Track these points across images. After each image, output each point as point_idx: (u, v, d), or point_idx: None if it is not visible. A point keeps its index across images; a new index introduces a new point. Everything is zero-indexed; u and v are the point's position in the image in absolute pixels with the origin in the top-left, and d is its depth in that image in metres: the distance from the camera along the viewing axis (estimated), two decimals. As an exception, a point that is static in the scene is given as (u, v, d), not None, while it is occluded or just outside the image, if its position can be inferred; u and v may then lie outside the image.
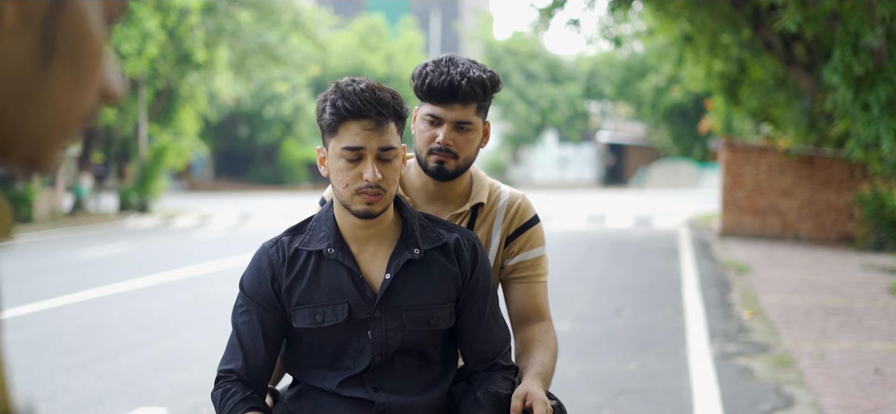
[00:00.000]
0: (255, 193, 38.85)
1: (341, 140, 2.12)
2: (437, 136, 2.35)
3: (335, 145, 2.14)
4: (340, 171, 2.13)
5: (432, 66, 2.37)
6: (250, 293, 2.24)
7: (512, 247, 2.49)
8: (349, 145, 2.11)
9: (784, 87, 16.35)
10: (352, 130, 2.11)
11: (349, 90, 2.12)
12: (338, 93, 2.13)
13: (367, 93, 2.11)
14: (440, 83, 2.33)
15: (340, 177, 2.14)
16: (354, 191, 2.13)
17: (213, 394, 2.23)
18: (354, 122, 2.11)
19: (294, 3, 28.62)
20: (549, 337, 2.40)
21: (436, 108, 2.34)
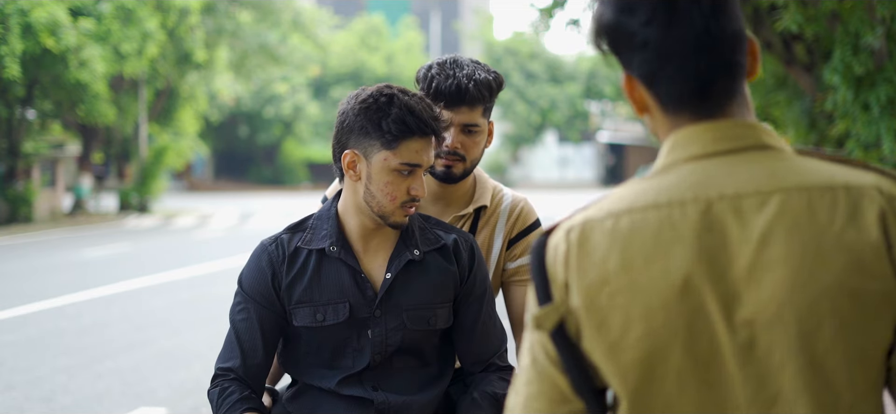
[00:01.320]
0: (255, 193, 38.86)
1: (400, 155, 2.10)
2: (444, 139, 2.35)
3: (390, 159, 2.10)
4: (389, 184, 2.12)
5: (437, 68, 2.36)
6: (249, 291, 2.24)
7: (514, 250, 2.49)
8: (409, 162, 2.11)
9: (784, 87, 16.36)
10: (412, 147, 2.10)
11: (417, 108, 2.10)
12: (404, 108, 2.09)
13: (431, 110, 2.13)
14: (447, 87, 2.32)
15: (389, 190, 2.12)
16: (400, 204, 2.14)
17: (209, 392, 2.22)
18: (418, 139, 2.10)
19: (294, 3, 28.64)
20: None
21: (443, 112, 2.34)
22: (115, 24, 20.23)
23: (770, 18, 12.74)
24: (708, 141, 1.22)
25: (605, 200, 1.26)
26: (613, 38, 1.25)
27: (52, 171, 25.33)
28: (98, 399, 6.06)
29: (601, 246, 1.22)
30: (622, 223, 1.21)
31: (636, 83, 1.26)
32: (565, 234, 1.24)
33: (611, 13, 1.24)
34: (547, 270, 1.25)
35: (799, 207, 1.17)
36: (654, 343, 1.18)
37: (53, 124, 24.20)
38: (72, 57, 19.35)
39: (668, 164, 1.24)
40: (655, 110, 1.27)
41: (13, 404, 5.94)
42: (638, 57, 1.23)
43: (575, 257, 1.23)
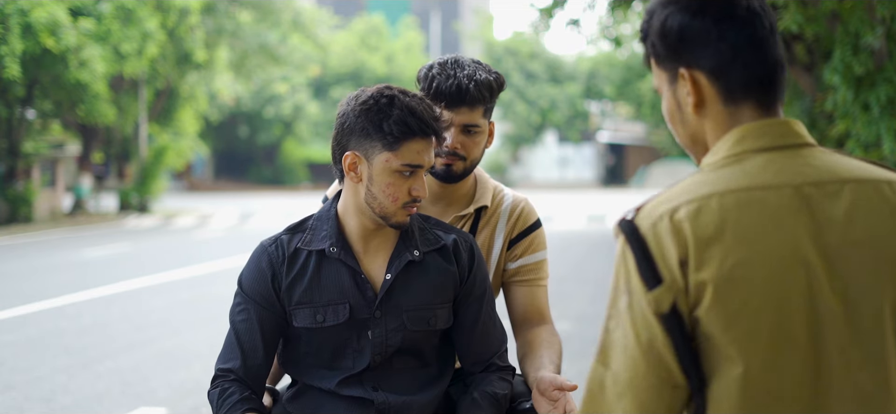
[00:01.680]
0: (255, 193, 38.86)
1: (402, 156, 2.10)
2: (445, 139, 2.34)
3: (392, 160, 2.11)
4: (391, 185, 2.12)
5: (438, 68, 2.35)
6: (249, 292, 2.23)
7: (515, 250, 2.49)
8: (411, 163, 2.11)
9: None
10: (414, 148, 2.11)
11: (419, 108, 2.11)
12: (405, 109, 2.09)
13: (431, 111, 2.13)
14: (448, 87, 2.32)
15: (391, 191, 2.13)
16: (401, 205, 2.14)
17: (210, 393, 2.22)
18: (419, 140, 2.11)
19: (294, 3, 28.63)
20: (555, 340, 2.41)
21: (444, 112, 2.33)
22: (115, 24, 20.23)
23: (770, 18, 12.74)
24: (777, 135, 1.40)
25: (679, 188, 1.39)
26: (682, 36, 1.42)
27: (52, 171, 25.33)
28: (98, 399, 6.06)
29: (714, 222, 1.33)
30: (728, 202, 1.34)
31: (700, 77, 1.43)
32: (669, 215, 1.35)
33: (680, 15, 1.43)
34: (652, 253, 1.34)
35: (870, 194, 1.39)
36: (775, 309, 1.32)
37: (53, 124, 24.19)
38: (72, 57, 19.35)
39: (738, 152, 1.40)
40: (715, 104, 1.43)
41: (13, 404, 5.94)
42: (710, 50, 1.41)
43: (691, 234, 1.33)
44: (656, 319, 1.32)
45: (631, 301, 1.34)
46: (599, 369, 1.37)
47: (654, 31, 1.46)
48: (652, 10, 1.47)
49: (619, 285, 1.36)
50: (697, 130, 1.46)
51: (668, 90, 1.47)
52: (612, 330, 1.37)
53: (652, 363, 1.33)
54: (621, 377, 1.34)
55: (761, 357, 1.32)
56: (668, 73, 1.46)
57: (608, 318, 1.38)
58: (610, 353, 1.37)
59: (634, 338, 1.33)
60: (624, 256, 1.36)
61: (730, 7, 1.41)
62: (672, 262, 1.33)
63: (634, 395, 1.34)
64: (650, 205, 1.38)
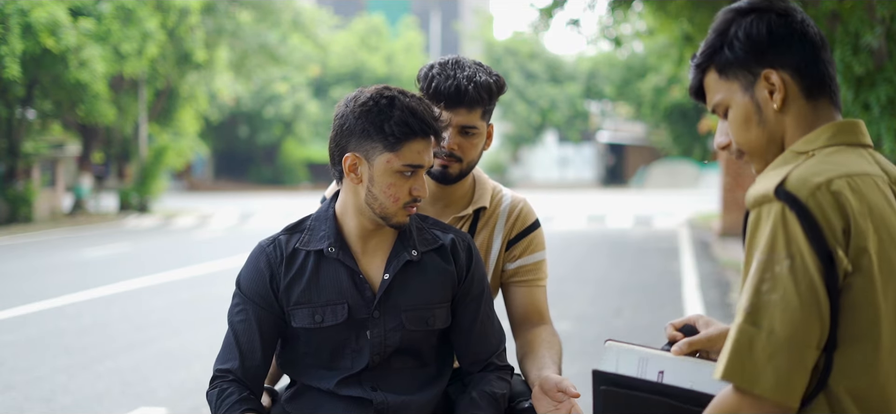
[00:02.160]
0: (255, 193, 38.86)
1: (403, 157, 2.11)
2: (444, 139, 2.34)
3: (393, 161, 2.11)
4: (392, 186, 2.13)
5: (438, 68, 2.35)
6: (248, 292, 2.24)
7: (513, 251, 2.49)
8: (411, 163, 2.12)
9: (784, 87, 16.35)
10: (414, 149, 2.11)
11: (419, 109, 2.11)
12: (406, 110, 2.10)
13: (431, 110, 2.14)
14: (447, 87, 2.31)
15: (392, 191, 2.13)
16: (402, 206, 2.15)
17: (208, 393, 2.22)
18: (420, 140, 2.12)
19: (294, 3, 28.63)
20: (555, 340, 2.41)
21: (443, 113, 2.33)
22: (115, 24, 20.22)
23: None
24: (859, 133, 1.59)
25: (815, 164, 1.50)
26: (774, 34, 1.58)
27: (52, 171, 25.32)
28: (98, 399, 6.06)
29: (864, 198, 1.48)
30: (864, 183, 1.50)
31: (786, 75, 1.58)
32: (826, 187, 1.46)
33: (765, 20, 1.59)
34: (818, 221, 1.44)
35: None
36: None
37: (53, 124, 24.19)
38: (72, 57, 19.34)
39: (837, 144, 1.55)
40: (798, 100, 1.59)
41: (13, 404, 5.94)
42: (794, 48, 1.58)
43: (851, 205, 1.46)
44: (822, 282, 1.42)
45: (794, 264, 1.42)
46: (749, 329, 1.44)
47: (736, 39, 1.60)
48: (727, 23, 1.62)
49: (778, 250, 1.44)
50: (776, 129, 1.59)
51: (743, 96, 1.61)
52: (766, 292, 1.44)
53: (812, 323, 1.42)
54: (778, 336, 1.42)
55: (891, 327, 1.47)
56: (744, 79, 1.60)
57: (761, 281, 1.44)
58: (763, 313, 1.44)
59: (797, 299, 1.42)
60: (783, 222, 1.44)
61: (801, 14, 1.61)
62: (837, 230, 1.44)
63: (790, 353, 1.42)
64: (796, 176, 1.47)
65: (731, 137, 1.67)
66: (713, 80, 1.64)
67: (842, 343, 1.45)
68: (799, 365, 1.42)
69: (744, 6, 1.63)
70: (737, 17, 1.62)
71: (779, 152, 1.60)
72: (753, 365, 1.43)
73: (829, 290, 1.43)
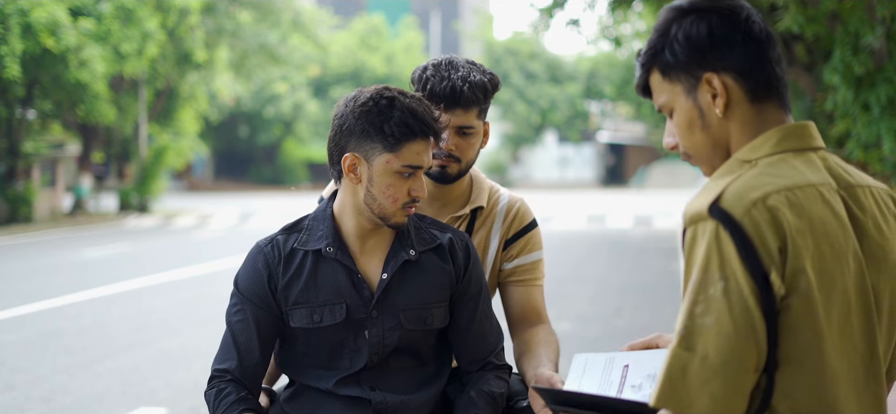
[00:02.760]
0: (255, 193, 38.86)
1: (402, 158, 2.11)
2: (443, 140, 2.34)
3: (392, 161, 2.11)
4: (391, 186, 2.13)
5: (433, 70, 2.35)
6: (245, 292, 2.23)
7: (510, 250, 2.49)
8: (411, 164, 2.12)
9: (784, 87, 16.34)
10: (414, 150, 2.11)
11: (420, 110, 2.11)
12: (406, 111, 2.10)
13: (430, 111, 2.14)
14: (441, 88, 2.31)
15: (391, 192, 2.13)
16: (401, 206, 2.15)
17: (206, 393, 2.22)
18: (420, 141, 2.11)
19: (294, 3, 28.62)
20: (552, 339, 2.41)
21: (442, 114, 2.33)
22: (115, 24, 20.22)
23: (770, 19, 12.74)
24: (808, 137, 1.51)
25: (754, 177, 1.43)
26: (714, 37, 1.50)
27: (52, 171, 25.32)
28: (98, 399, 6.06)
29: (803, 213, 1.41)
30: (806, 195, 1.43)
31: (728, 79, 1.50)
32: (762, 203, 1.39)
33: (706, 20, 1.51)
34: (753, 240, 1.37)
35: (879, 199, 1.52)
36: (844, 300, 1.42)
37: (53, 124, 24.19)
38: (72, 57, 19.34)
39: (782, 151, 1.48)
40: (742, 104, 1.51)
41: (13, 404, 5.94)
42: (737, 50, 1.49)
43: (787, 222, 1.39)
44: (756, 304, 1.36)
45: (727, 286, 1.36)
46: (683, 354, 1.38)
47: (676, 41, 1.52)
48: (668, 23, 1.54)
49: (711, 271, 1.37)
50: (721, 134, 1.52)
51: (686, 100, 1.53)
52: (700, 315, 1.37)
53: (747, 347, 1.36)
54: (712, 361, 1.36)
55: (834, 344, 1.41)
56: (686, 82, 1.52)
57: (694, 304, 1.38)
58: (697, 337, 1.37)
59: (731, 322, 1.35)
60: (717, 241, 1.38)
61: (747, 12, 1.52)
62: (773, 249, 1.37)
63: (725, 378, 1.35)
64: (732, 191, 1.41)
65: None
66: (657, 81, 1.56)
67: (782, 364, 1.39)
68: (735, 390, 1.36)
69: (685, 5, 1.53)
70: (677, 17, 1.53)
71: (725, 157, 1.52)
72: (687, 391, 1.37)
73: (765, 312, 1.37)
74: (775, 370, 1.39)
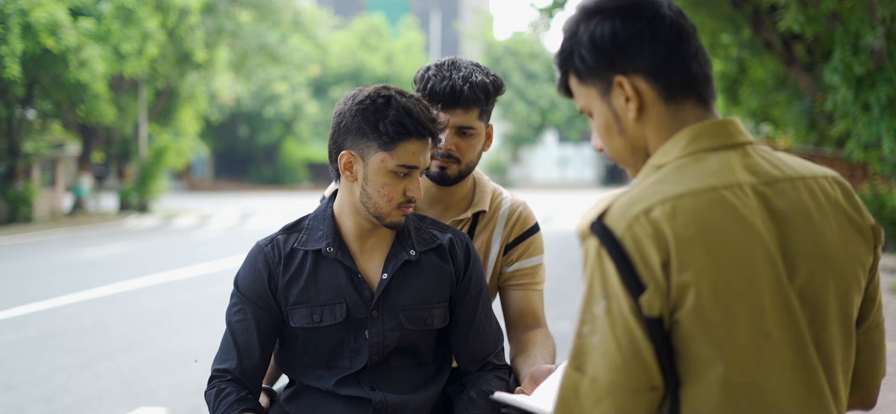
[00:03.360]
0: (255, 193, 38.86)
1: (397, 157, 2.10)
2: (440, 141, 2.33)
3: (387, 160, 2.11)
4: (386, 185, 2.12)
5: (434, 69, 2.34)
6: (246, 292, 2.23)
7: (511, 254, 2.48)
8: (406, 163, 2.11)
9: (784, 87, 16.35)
10: (409, 149, 2.11)
11: (415, 109, 2.10)
12: (402, 110, 2.09)
13: (428, 112, 2.13)
14: (442, 88, 2.30)
15: (385, 191, 2.13)
16: (396, 206, 2.14)
17: (206, 393, 2.22)
18: (415, 141, 2.11)
19: (294, 3, 28.63)
20: (548, 342, 2.41)
21: (440, 114, 2.32)
22: (115, 24, 20.22)
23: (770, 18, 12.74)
24: (727, 134, 1.42)
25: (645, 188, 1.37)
26: (618, 40, 1.42)
27: (52, 171, 25.32)
28: (98, 399, 6.06)
29: (692, 222, 1.33)
30: (701, 201, 1.35)
31: (638, 81, 1.42)
32: (644, 215, 1.33)
33: (610, 21, 1.43)
34: (632, 257, 1.31)
35: (814, 190, 1.44)
36: (752, 307, 1.34)
37: (53, 124, 24.19)
38: (72, 57, 19.34)
39: (694, 151, 1.40)
40: (656, 105, 1.43)
41: (13, 404, 5.94)
42: (646, 51, 1.41)
43: (671, 234, 1.32)
44: (638, 324, 1.31)
45: (609, 306, 1.32)
46: (574, 375, 1.35)
47: (582, 45, 1.45)
48: (574, 25, 1.46)
49: (595, 290, 1.34)
50: (637, 138, 1.45)
51: (601, 104, 1.46)
52: (587, 335, 1.34)
53: (633, 367, 1.31)
54: (601, 382, 1.32)
55: (741, 356, 1.33)
56: (599, 86, 1.45)
57: (582, 323, 1.35)
58: (586, 357, 1.34)
59: (615, 343, 1.31)
60: (599, 259, 1.33)
61: (656, 7, 1.43)
62: (654, 264, 1.31)
63: (614, 399, 1.32)
64: (618, 205, 1.35)
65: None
66: (574, 83, 1.49)
67: (683, 381, 1.33)
68: (627, 410, 1.31)
69: (590, 6, 1.45)
70: (583, 18, 1.45)
71: (646, 160, 1.45)
72: (581, 411, 1.34)
73: (651, 330, 1.31)
74: (679, 388, 1.34)
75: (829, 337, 1.40)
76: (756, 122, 20.39)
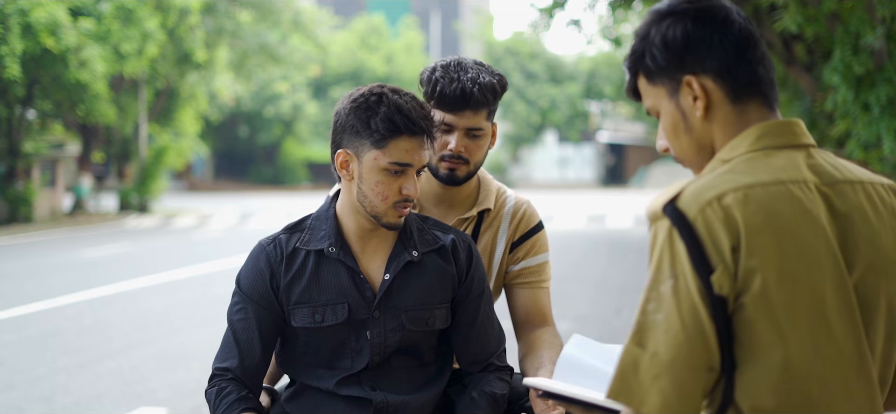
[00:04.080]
0: (255, 193, 38.86)
1: (390, 154, 2.10)
2: (448, 143, 2.33)
3: (380, 158, 2.11)
4: (380, 183, 2.12)
5: (441, 71, 2.34)
6: (247, 291, 2.23)
7: (516, 253, 2.48)
8: (399, 161, 2.10)
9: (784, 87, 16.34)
10: (402, 147, 2.10)
11: (406, 107, 2.10)
12: (393, 107, 2.09)
13: (421, 109, 2.12)
14: (452, 91, 2.30)
15: (380, 190, 2.12)
16: (392, 205, 2.13)
17: (207, 392, 2.22)
18: (407, 139, 2.10)
19: (294, 3, 28.63)
20: (556, 341, 2.41)
21: (447, 116, 2.32)
22: (115, 24, 20.22)
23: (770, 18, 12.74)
24: (792, 134, 1.49)
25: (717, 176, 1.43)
26: (690, 40, 1.49)
27: (52, 171, 25.32)
28: (98, 399, 6.06)
29: (762, 210, 1.39)
30: (772, 192, 1.41)
31: (706, 81, 1.49)
32: (717, 201, 1.39)
33: (682, 23, 1.50)
34: (702, 240, 1.37)
35: (870, 195, 1.49)
36: (814, 297, 1.39)
37: (53, 124, 24.19)
38: (72, 57, 19.34)
39: (761, 148, 1.46)
40: (723, 105, 1.50)
41: (13, 404, 5.93)
42: (715, 52, 1.48)
43: (741, 220, 1.38)
44: (704, 304, 1.36)
45: (676, 285, 1.37)
46: (635, 350, 1.39)
47: (654, 46, 1.52)
48: (647, 27, 1.54)
49: (663, 269, 1.39)
50: (705, 137, 1.51)
51: (669, 103, 1.53)
52: (652, 312, 1.39)
53: (695, 346, 1.36)
54: (661, 358, 1.37)
55: (801, 343, 1.39)
56: (668, 86, 1.52)
57: (647, 300, 1.40)
58: (648, 334, 1.39)
59: (679, 321, 1.36)
60: (669, 240, 1.39)
61: (726, 12, 1.50)
62: (724, 248, 1.37)
63: (674, 376, 1.36)
64: (690, 190, 1.41)
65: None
66: (643, 84, 1.56)
67: (741, 363, 1.39)
68: (685, 387, 1.36)
69: (663, 8, 1.53)
70: (656, 21, 1.53)
71: (711, 159, 1.51)
72: (639, 386, 1.38)
73: (715, 312, 1.36)
74: (734, 370, 1.39)
75: (875, 334, 1.45)
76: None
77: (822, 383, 1.39)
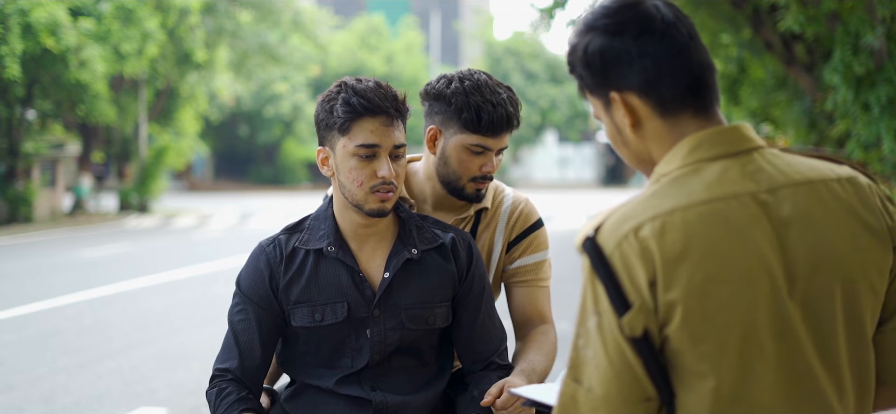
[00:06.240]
0: (255, 193, 38.85)
1: (354, 138, 2.11)
2: (483, 164, 2.31)
3: (347, 144, 2.12)
4: (354, 170, 2.12)
5: (479, 96, 2.28)
6: (247, 292, 2.24)
7: (514, 252, 2.47)
8: (364, 143, 2.11)
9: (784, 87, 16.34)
10: (366, 128, 2.10)
11: (362, 88, 2.11)
12: (349, 91, 2.11)
13: (381, 90, 2.12)
14: (498, 117, 2.28)
15: (354, 175, 2.12)
16: (369, 189, 2.13)
17: (207, 393, 2.22)
18: (369, 119, 2.10)
19: (294, 3, 28.62)
20: (546, 338, 2.39)
21: (486, 140, 2.29)
22: (115, 24, 20.22)
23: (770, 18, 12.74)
24: (729, 142, 1.40)
25: (639, 202, 1.37)
26: (606, 58, 1.42)
27: (52, 171, 25.32)
28: (98, 399, 6.06)
29: (680, 240, 1.32)
30: (691, 216, 1.34)
31: (631, 97, 1.42)
32: (633, 234, 1.33)
33: (601, 38, 1.42)
34: (619, 277, 1.33)
35: (822, 195, 1.40)
36: (743, 321, 1.33)
37: (53, 124, 24.18)
38: (72, 57, 19.34)
39: (693, 162, 1.39)
40: (652, 120, 1.42)
41: (13, 404, 5.94)
42: (636, 66, 1.40)
43: (658, 253, 1.32)
44: (626, 341, 1.33)
45: (600, 322, 1.35)
46: (571, 385, 1.38)
47: (578, 62, 1.46)
48: (573, 42, 1.47)
49: (587, 305, 1.37)
50: (642, 150, 1.46)
51: (606, 116, 1.47)
52: (582, 348, 1.37)
53: (625, 381, 1.34)
54: (596, 394, 1.35)
55: (732, 369, 1.34)
56: (600, 100, 1.46)
57: (577, 336, 1.38)
58: (582, 369, 1.37)
59: (606, 357, 1.34)
60: (591, 277, 1.36)
61: (646, 22, 1.41)
62: (641, 283, 1.32)
63: (609, 410, 1.35)
64: (611, 221, 1.36)
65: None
66: (587, 94, 1.51)
67: (678, 392, 1.35)
68: None
69: (586, 21, 1.45)
70: (579, 34, 1.46)
71: (654, 166, 1.46)
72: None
73: (639, 347, 1.32)
74: (673, 398, 1.36)
75: (837, 343, 1.38)
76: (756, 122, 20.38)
77: (761, 408, 1.34)
